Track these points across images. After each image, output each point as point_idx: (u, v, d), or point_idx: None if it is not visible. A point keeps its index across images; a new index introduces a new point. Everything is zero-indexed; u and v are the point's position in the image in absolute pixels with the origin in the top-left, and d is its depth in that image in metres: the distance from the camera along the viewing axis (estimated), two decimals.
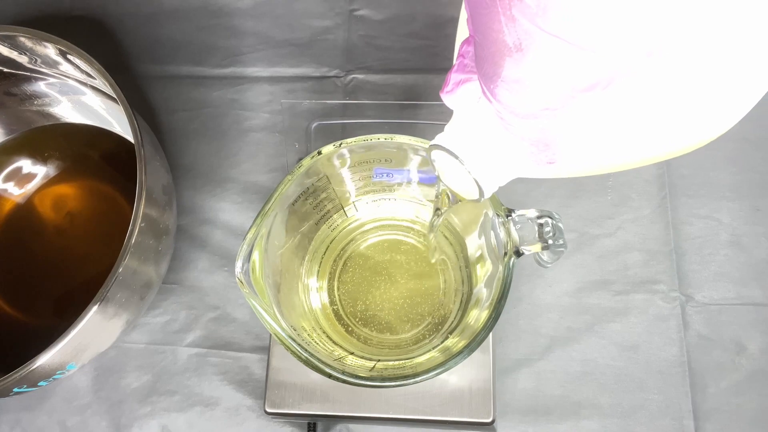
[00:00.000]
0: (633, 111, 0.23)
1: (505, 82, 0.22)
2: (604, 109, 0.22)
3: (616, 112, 0.23)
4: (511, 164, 0.27)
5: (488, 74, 0.23)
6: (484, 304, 0.34)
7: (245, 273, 0.31)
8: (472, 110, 0.26)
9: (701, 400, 0.40)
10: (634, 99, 0.22)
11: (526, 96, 0.22)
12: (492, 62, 0.22)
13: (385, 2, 0.50)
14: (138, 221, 0.34)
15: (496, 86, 0.23)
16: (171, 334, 0.43)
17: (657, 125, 0.24)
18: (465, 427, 0.38)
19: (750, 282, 0.42)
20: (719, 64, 0.21)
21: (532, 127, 0.23)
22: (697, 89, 0.22)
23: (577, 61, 0.20)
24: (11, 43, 0.39)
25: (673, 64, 0.21)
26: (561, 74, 0.21)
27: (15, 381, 0.33)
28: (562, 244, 0.32)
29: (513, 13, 0.20)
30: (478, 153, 0.27)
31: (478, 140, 0.27)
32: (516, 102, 0.23)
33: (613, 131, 0.24)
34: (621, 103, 0.22)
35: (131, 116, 0.36)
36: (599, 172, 0.30)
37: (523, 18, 0.20)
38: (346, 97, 0.48)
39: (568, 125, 0.23)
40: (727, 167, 0.44)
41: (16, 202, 0.46)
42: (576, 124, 0.23)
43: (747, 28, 0.20)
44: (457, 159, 0.27)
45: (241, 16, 0.51)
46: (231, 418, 0.41)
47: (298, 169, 0.34)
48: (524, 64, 0.21)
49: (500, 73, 0.22)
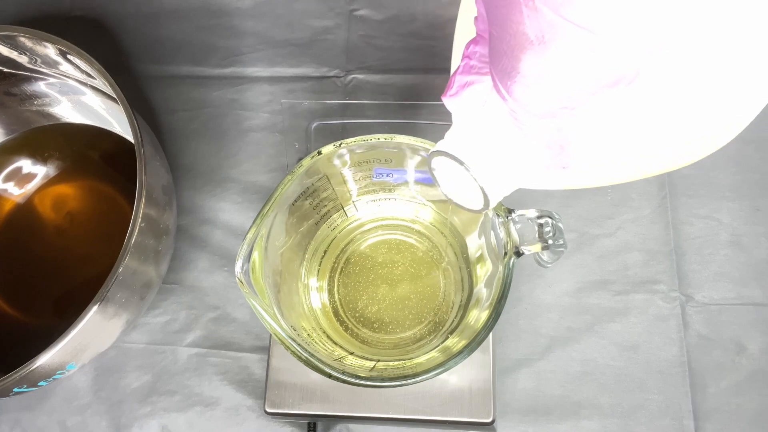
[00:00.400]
0: (650, 114, 0.22)
1: (525, 78, 0.21)
2: (623, 110, 0.22)
3: (634, 114, 0.22)
4: (520, 170, 0.26)
5: (506, 70, 0.22)
6: (484, 304, 0.34)
7: (245, 273, 0.31)
8: (478, 114, 0.25)
9: (701, 400, 0.40)
10: (652, 100, 0.21)
11: (545, 92, 0.21)
12: (511, 57, 0.21)
13: (385, 2, 0.50)
14: (138, 221, 0.34)
15: (514, 82, 0.22)
16: (171, 334, 0.43)
17: (669, 129, 0.24)
18: (465, 427, 0.38)
19: (750, 282, 0.42)
20: (735, 65, 0.21)
21: (548, 127, 0.23)
22: (709, 93, 0.22)
23: (602, 53, 0.19)
24: (11, 43, 0.39)
25: (692, 60, 0.20)
26: (585, 68, 0.20)
27: (15, 381, 0.33)
28: (562, 244, 0.32)
29: (536, 3, 0.19)
30: (485, 159, 0.26)
31: (484, 145, 0.25)
32: (535, 99, 0.22)
33: (628, 135, 0.23)
34: (640, 103, 0.21)
35: (131, 116, 0.36)
36: (603, 183, 0.29)
37: (546, 8, 0.19)
38: (346, 97, 0.48)
39: (586, 126, 0.22)
40: (727, 167, 0.44)
41: (16, 202, 0.46)
42: (593, 125, 0.22)
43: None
44: (462, 165, 0.26)
45: (241, 16, 0.51)
46: (231, 418, 0.41)
47: (298, 169, 0.34)
48: (546, 58, 0.20)
49: (519, 68, 0.21)
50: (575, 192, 0.44)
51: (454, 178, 0.28)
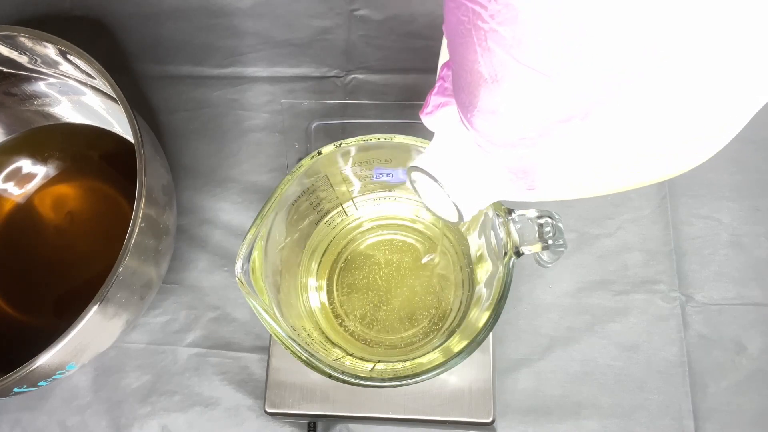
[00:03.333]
0: (614, 139, 0.22)
1: (482, 112, 0.22)
2: (583, 139, 0.22)
3: (596, 141, 0.22)
4: (491, 189, 0.27)
5: (465, 103, 0.23)
6: (484, 305, 0.34)
7: (245, 273, 0.31)
8: (452, 133, 0.26)
9: (701, 400, 0.40)
10: (615, 127, 0.21)
11: (502, 126, 0.22)
12: (468, 92, 0.22)
13: (385, 2, 0.50)
14: (138, 221, 0.34)
15: (473, 116, 0.22)
16: (171, 334, 0.43)
17: (640, 152, 0.24)
18: (465, 427, 0.38)
19: (750, 282, 0.42)
20: (697, 91, 0.21)
21: (510, 155, 0.23)
22: (677, 117, 0.22)
23: (552, 92, 0.20)
24: (11, 43, 0.39)
25: (648, 94, 0.20)
26: (537, 105, 0.20)
27: (15, 381, 0.33)
28: (562, 244, 0.32)
29: (489, 44, 0.20)
30: (458, 177, 0.27)
31: (457, 164, 0.26)
32: (493, 131, 0.23)
33: (595, 159, 0.23)
34: (600, 132, 0.22)
35: (131, 116, 0.36)
36: (581, 197, 0.29)
37: (498, 49, 0.19)
38: (346, 97, 0.48)
39: (547, 154, 0.23)
40: (727, 167, 0.44)
41: (16, 202, 0.46)
42: (555, 152, 0.23)
43: (713, 66, 0.20)
44: (436, 182, 0.27)
45: (241, 16, 0.51)
46: (231, 418, 0.41)
47: (298, 170, 0.34)
48: (500, 95, 0.21)
49: (476, 104, 0.22)
50: None
51: (432, 192, 0.29)
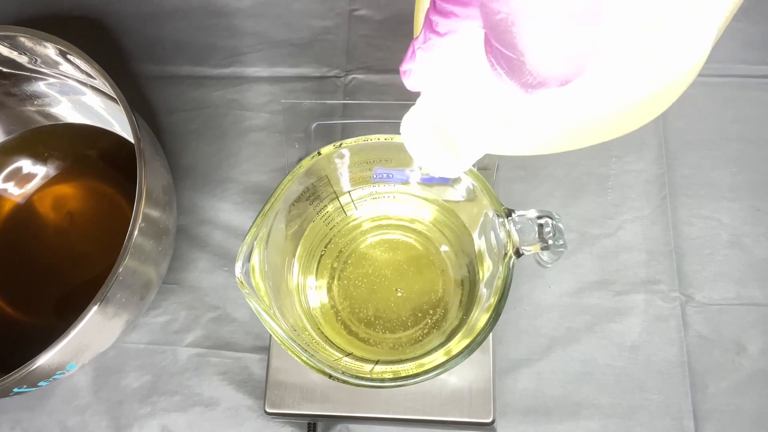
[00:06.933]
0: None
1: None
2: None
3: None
4: (497, 123, 0.26)
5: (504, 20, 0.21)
6: (484, 305, 0.34)
7: (245, 273, 0.31)
8: (453, 70, 0.26)
9: (701, 400, 0.40)
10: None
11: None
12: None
13: (385, 2, 0.50)
14: (138, 221, 0.34)
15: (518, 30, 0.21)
16: (171, 334, 0.43)
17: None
18: (465, 427, 0.38)
19: (750, 282, 0.42)
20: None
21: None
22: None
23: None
24: (11, 43, 0.39)
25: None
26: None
27: (15, 381, 0.33)
28: (562, 244, 0.32)
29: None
30: (463, 111, 0.26)
31: (462, 98, 0.26)
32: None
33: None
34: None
35: (131, 116, 0.36)
36: (570, 147, 0.28)
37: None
38: (346, 97, 0.48)
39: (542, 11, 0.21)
40: (728, 167, 0.44)
41: (16, 202, 0.46)
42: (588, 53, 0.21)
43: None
44: (437, 117, 0.27)
45: (241, 16, 0.51)
46: (231, 419, 0.41)
47: (298, 170, 0.34)
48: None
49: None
50: (575, 192, 0.44)
51: (427, 143, 0.28)
